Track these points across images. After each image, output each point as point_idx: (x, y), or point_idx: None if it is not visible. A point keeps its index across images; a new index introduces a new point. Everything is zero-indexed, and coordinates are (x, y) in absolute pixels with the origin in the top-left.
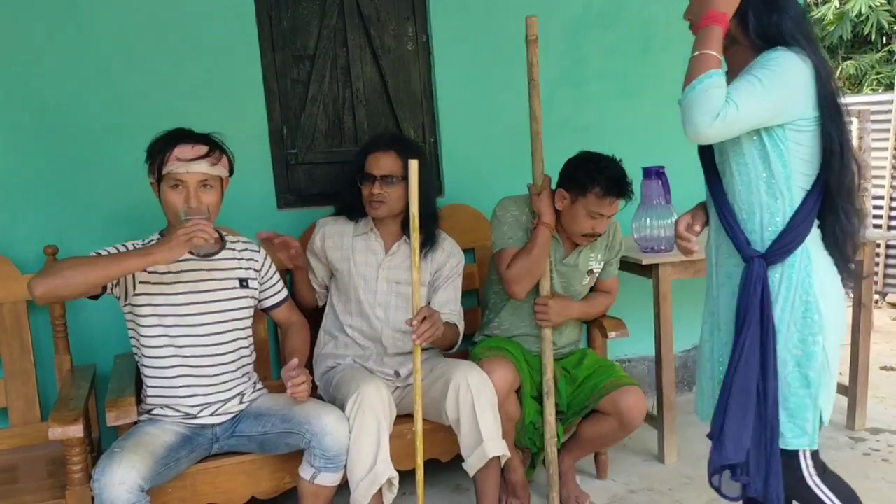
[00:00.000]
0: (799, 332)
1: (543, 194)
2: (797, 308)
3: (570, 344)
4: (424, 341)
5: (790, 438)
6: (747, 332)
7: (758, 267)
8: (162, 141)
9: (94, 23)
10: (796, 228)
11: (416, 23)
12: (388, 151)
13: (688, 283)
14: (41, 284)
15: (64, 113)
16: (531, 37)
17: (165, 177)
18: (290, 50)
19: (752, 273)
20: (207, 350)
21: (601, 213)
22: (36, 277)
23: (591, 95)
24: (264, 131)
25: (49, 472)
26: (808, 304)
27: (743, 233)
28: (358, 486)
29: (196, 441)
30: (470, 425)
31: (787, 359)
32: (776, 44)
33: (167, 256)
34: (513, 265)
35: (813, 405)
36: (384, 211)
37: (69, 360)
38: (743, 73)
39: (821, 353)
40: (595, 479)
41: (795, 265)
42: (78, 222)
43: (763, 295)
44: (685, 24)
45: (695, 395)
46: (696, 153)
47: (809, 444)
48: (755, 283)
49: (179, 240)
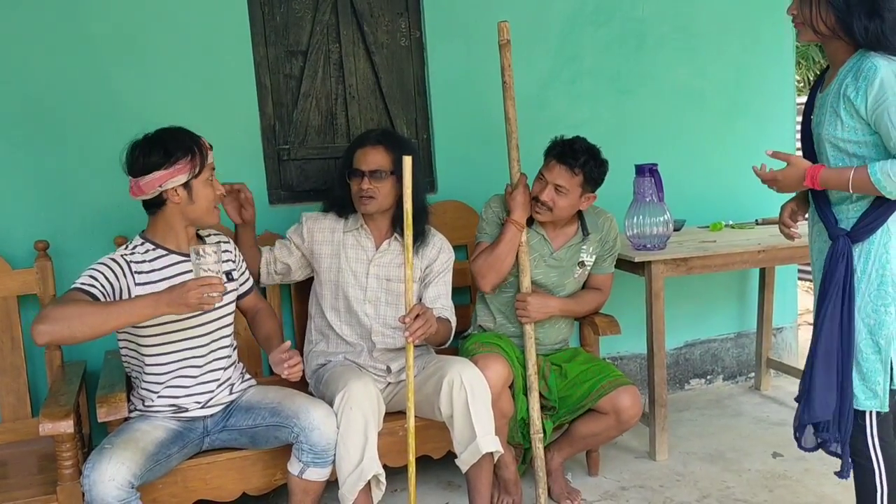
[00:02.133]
0: (872, 302)
1: (516, 192)
2: (873, 280)
3: (560, 341)
4: (417, 339)
5: (862, 400)
6: (829, 301)
7: (843, 244)
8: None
9: (86, 19)
10: (877, 209)
11: (410, 19)
12: (376, 147)
13: (680, 280)
14: (46, 334)
15: (55, 108)
16: (503, 41)
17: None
18: (283, 45)
19: (837, 250)
20: (202, 347)
21: (543, 175)
22: (42, 324)
23: (584, 92)
24: (256, 127)
25: (40, 468)
26: (884, 277)
27: (833, 214)
28: (345, 482)
29: (187, 437)
30: (463, 421)
31: (860, 326)
32: (872, 46)
33: (175, 311)
34: (477, 259)
35: (884, 370)
36: (374, 206)
37: (60, 355)
38: (881, 114)
39: (892, 321)
40: (586, 476)
41: (875, 242)
42: (68, 218)
43: (847, 269)
44: (679, 22)
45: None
46: (688, 152)
47: (880, 406)
48: (839, 258)
49: (190, 299)
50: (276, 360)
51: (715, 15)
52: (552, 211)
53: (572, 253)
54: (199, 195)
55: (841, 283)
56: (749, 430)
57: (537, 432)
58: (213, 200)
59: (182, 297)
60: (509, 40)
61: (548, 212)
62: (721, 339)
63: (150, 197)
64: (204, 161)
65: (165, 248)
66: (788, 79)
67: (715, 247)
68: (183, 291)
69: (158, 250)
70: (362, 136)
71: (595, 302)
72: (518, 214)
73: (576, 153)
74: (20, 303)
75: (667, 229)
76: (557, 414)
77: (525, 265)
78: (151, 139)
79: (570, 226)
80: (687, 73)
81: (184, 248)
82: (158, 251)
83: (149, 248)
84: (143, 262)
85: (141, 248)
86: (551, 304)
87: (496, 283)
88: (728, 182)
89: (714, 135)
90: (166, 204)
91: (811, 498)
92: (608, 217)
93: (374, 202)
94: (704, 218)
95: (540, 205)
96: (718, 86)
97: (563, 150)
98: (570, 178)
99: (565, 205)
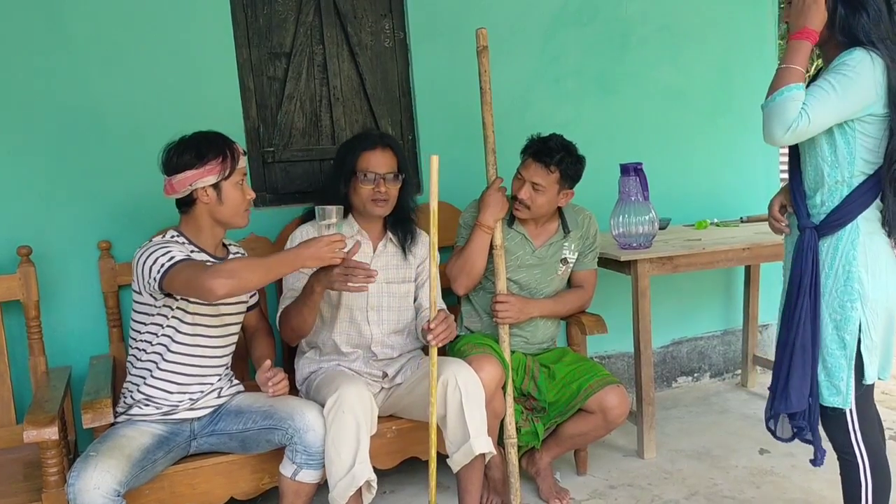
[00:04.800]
0: (839, 297)
1: (487, 194)
2: (840, 276)
3: (546, 340)
4: (441, 342)
5: (826, 396)
6: (803, 296)
7: (809, 237)
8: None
9: (68, 20)
10: (848, 206)
11: (394, 20)
12: (385, 149)
13: (666, 279)
14: (225, 286)
15: (39, 112)
16: (480, 47)
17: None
18: (266, 47)
19: (803, 242)
20: (210, 350)
21: (520, 174)
22: (220, 277)
23: (568, 92)
24: (240, 129)
25: (24, 475)
26: (850, 274)
27: (806, 208)
28: (336, 486)
29: (173, 441)
30: (457, 421)
31: (827, 321)
32: (856, 43)
33: (312, 264)
34: (449, 263)
35: (848, 367)
36: (387, 209)
37: (44, 361)
38: (821, 76)
39: (857, 318)
40: (575, 475)
41: (843, 238)
42: (52, 223)
43: (813, 263)
44: (662, 21)
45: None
46: (673, 150)
47: (843, 402)
48: (807, 251)
49: (323, 253)
50: (262, 379)
51: (698, 14)
52: (530, 209)
53: (554, 250)
54: (228, 197)
55: (810, 277)
56: (736, 427)
57: (510, 437)
58: (242, 204)
59: (318, 251)
60: (486, 46)
61: (526, 209)
62: (707, 336)
63: (181, 195)
64: (235, 164)
65: (198, 246)
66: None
67: (700, 245)
68: (319, 246)
69: (192, 245)
70: (363, 137)
71: (579, 301)
72: (486, 217)
73: (551, 150)
74: (3, 309)
75: (652, 228)
76: (548, 416)
77: (500, 268)
78: (186, 141)
79: (551, 223)
80: (671, 73)
81: (210, 249)
82: (192, 246)
83: (185, 241)
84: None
85: (178, 238)
86: (532, 306)
87: (468, 285)
88: (713, 180)
89: (698, 133)
90: (196, 203)
91: (798, 494)
92: (587, 214)
93: (387, 205)
94: (689, 216)
95: (519, 203)
96: (702, 85)
97: (538, 147)
98: (546, 176)
99: (543, 202)
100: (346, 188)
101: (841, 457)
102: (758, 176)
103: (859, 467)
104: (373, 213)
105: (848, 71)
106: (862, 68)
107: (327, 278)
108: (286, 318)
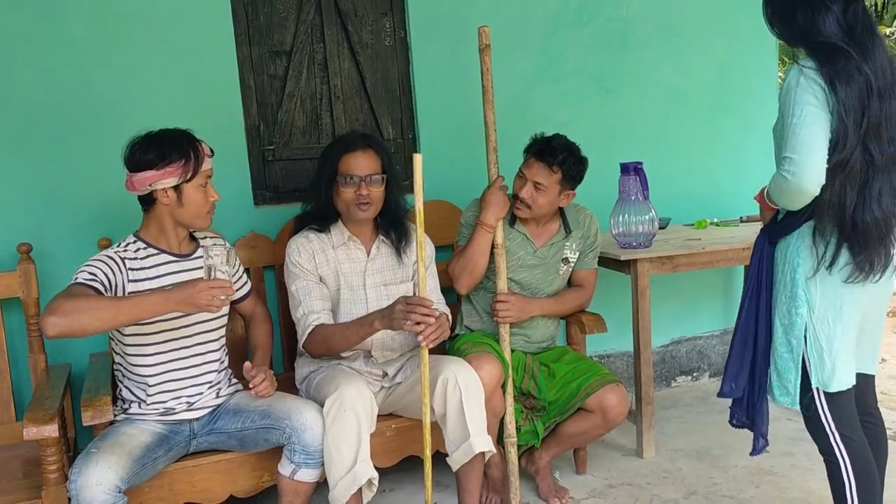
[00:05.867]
0: (786, 303)
1: (488, 193)
2: (787, 283)
3: (546, 339)
4: (432, 343)
5: (777, 395)
6: (748, 295)
7: (760, 241)
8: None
9: (69, 19)
10: (794, 214)
11: (394, 18)
12: (367, 150)
13: (666, 278)
14: (57, 326)
15: (38, 110)
16: (482, 45)
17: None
18: (267, 45)
19: (756, 246)
20: (190, 349)
21: (522, 173)
22: (54, 316)
23: (569, 92)
24: (240, 127)
25: (24, 473)
26: (795, 281)
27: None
28: (337, 485)
29: (173, 439)
30: (456, 420)
31: (777, 325)
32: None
33: (183, 310)
34: (451, 262)
35: (795, 369)
36: (372, 212)
37: (44, 359)
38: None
39: (802, 324)
40: (574, 474)
41: (790, 245)
42: (52, 220)
43: (759, 266)
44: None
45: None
46: (673, 150)
47: (792, 403)
48: (757, 254)
49: (199, 299)
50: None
51: (698, 14)
52: (531, 208)
53: (556, 250)
54: (189, 199)
55: (755, 280)
56: None
57: (509, 436)
58: (204, 206)
59: (192, 296)
60: (489, 45)
61: (527, 209)
62: (707, 336)
63: (140, 194)
64: (198, 167)
65: (157, 247)
66: (771, 77)
67: (700, 244)
68: (193, 291)
69: (150, 249)
70: (344, 140)
71: (579, 300)
72: (488, 216)
73: (554, 150)
74: (3, 306)
75: (652, 227)
76: (548, 415)
77: (501, 267)
78: (151, 138)
79: (552, 223)
80: (671, 72)
81: (174, 248)
82: (150, 250)
83: (140, 247)
84: (135, 259)
85: (133, 246)
86: (532, 305)
87: (471, 285)
88: (713, 180)
89: (698, 133)
90: (156, 203)
91: (797, 493)
92: (588, 213)
93: (371, 207)
94: (689, 216)
95: (519, 202)
96: (702, 84)
97: (541, 147)
98: (548, 176)
99: (544, 202)
100: (328, 193)
101: (825, 458)
102: (758, 176)
103: (841, 468)
104: (357, 216)
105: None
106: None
107: (390, 316)
108: (322, 338)
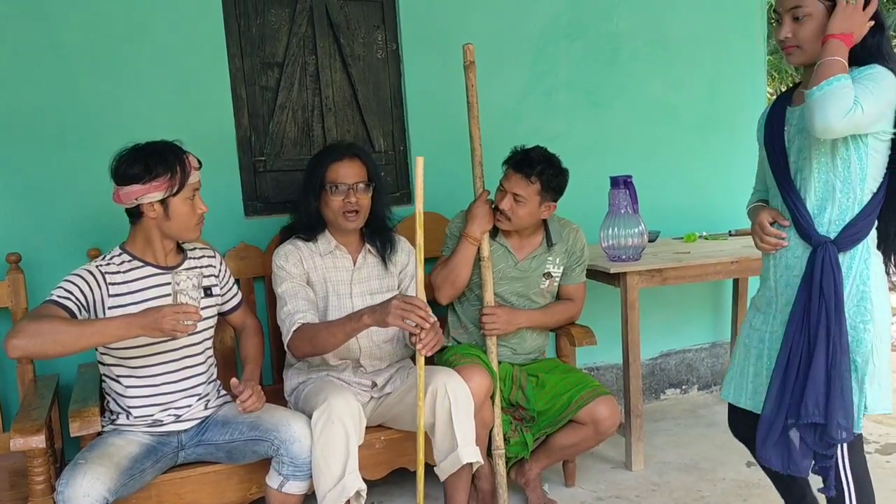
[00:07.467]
0: (851, 318)
1: (474, 206)
2: (853, 296)
3: (533, 351)
4: (430, 351)
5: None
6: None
7: (829, 251)
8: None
9: (59, 28)
10: (862, 221)
11: (386, 31)
12: (353, 159)
13: (655, 291)
14: (19, 349)
15: (28, 120)
16: (467, 62)
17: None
18: (259, 57)
19: (823, 257)
20: (177, 363)
21: (502, 185)
22: (15, 338)
23: (559, 105)
24: (232, 138)
25: (11, 484)
26: (864, 294)
27: (812, 225)
28: (325, 497)
29: (161, 451)
30: (445, 430)
31: (836, 342)
32: (872, 60)
33: (148, 335)
34: (434, 272)
35: (859, 390)
36: (359, 221)
37: (32, 369)
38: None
39: (870, 340)
40: (563, 487)
41: (857, 256)
42: (41, 230)
43: (836, 278)
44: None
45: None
46: (662, 164)
47: (854, 427)
48: (829, 265)
49: (164, 325)
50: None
51: (687, 29)
52: (511, 220)
53: (537, 263)
54: (176, 212)
55: (831, 292)
56: (723, 440)
57: (497, 448)
58: (192, 219)
59: (157, 321)
60: (473, 62)
61: (507, 220)
62: (696, 349)
63: (127, 207)
64: (184, 181)
65: (143, 260)
66: (760, 91)
67: (689, 258)
68: (158, 316)
69: (135, 262)
70: (331, 149)
71: (567, 313)
72: (472, 229)
73: (531, 162)
74: None
75: (641, 240)
76: (538, 426)
77: (487, 280)
78: (137, 151)
79: (535, 236)
80: (660, 87)
81: (161, 261)
82: (135, 262)
83: (125, 260)
84: (118, 272)
85: (118, 258)
86: (520, 317)
87: (452, 295)
88: (702, 194)
89: (688, 147)
90: (143, 217)
91: None
92: (574, 228)
93: (358, 217)
94: (678, 229)
95: (500, 214)
96: (692, 99)
97: (519, 159)
98: (526, 187)
99: (524, 213)
100: (316, 202)
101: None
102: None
103: (845, 495)
104: (345, 227)
105: (881, 79)
106: (888, 81)
107: (384, 311)
108: (308, 336)
